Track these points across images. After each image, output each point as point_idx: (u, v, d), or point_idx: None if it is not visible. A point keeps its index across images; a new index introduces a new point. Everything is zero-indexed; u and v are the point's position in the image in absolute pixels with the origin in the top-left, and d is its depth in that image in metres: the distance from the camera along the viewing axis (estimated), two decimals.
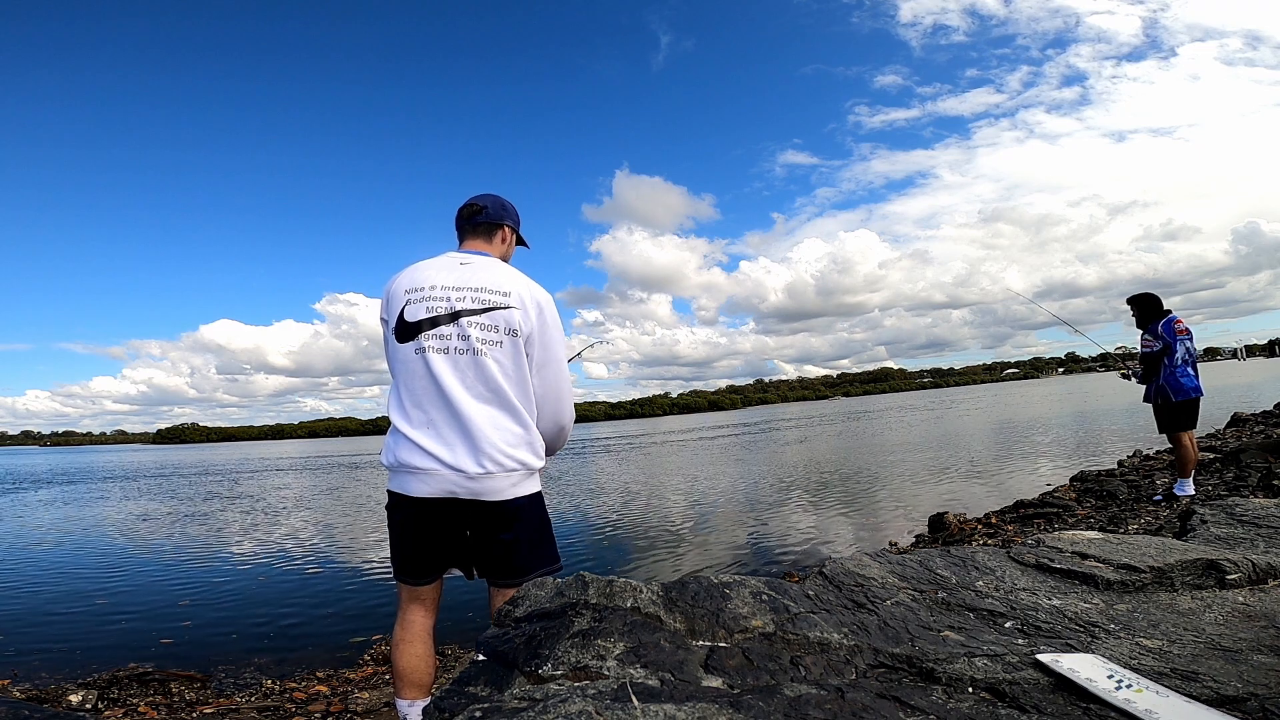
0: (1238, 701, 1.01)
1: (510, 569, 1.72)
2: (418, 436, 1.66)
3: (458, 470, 1.64)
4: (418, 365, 1.68)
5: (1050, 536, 2.03)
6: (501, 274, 1.77)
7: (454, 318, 1.68)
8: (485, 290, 1.71)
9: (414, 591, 1.79)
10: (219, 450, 76.06)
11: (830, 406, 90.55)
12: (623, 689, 0.91)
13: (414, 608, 1.79)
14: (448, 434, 1.65)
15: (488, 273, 1.75)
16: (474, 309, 1.68)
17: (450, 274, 1.74)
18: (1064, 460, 10.70)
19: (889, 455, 14.38)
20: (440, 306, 1.69)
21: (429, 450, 1.65)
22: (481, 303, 1.69)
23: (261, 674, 3.71)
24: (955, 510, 6.42)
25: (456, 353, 1.67)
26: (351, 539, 8.35)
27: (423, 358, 1.68)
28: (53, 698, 3.18)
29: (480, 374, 1.67)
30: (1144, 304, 5.35)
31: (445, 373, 1.66)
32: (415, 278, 1.75)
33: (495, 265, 1.81)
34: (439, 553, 1.76)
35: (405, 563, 1.78)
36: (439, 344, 1.67)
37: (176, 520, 11.08)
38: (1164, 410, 5.21)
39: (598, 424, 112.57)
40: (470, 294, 1.70)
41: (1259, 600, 1.52)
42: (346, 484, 16.79)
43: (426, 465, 1.65)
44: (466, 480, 1.64)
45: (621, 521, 8.32)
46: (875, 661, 1.17)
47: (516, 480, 1.69)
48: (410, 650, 1.75)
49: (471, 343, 1.67)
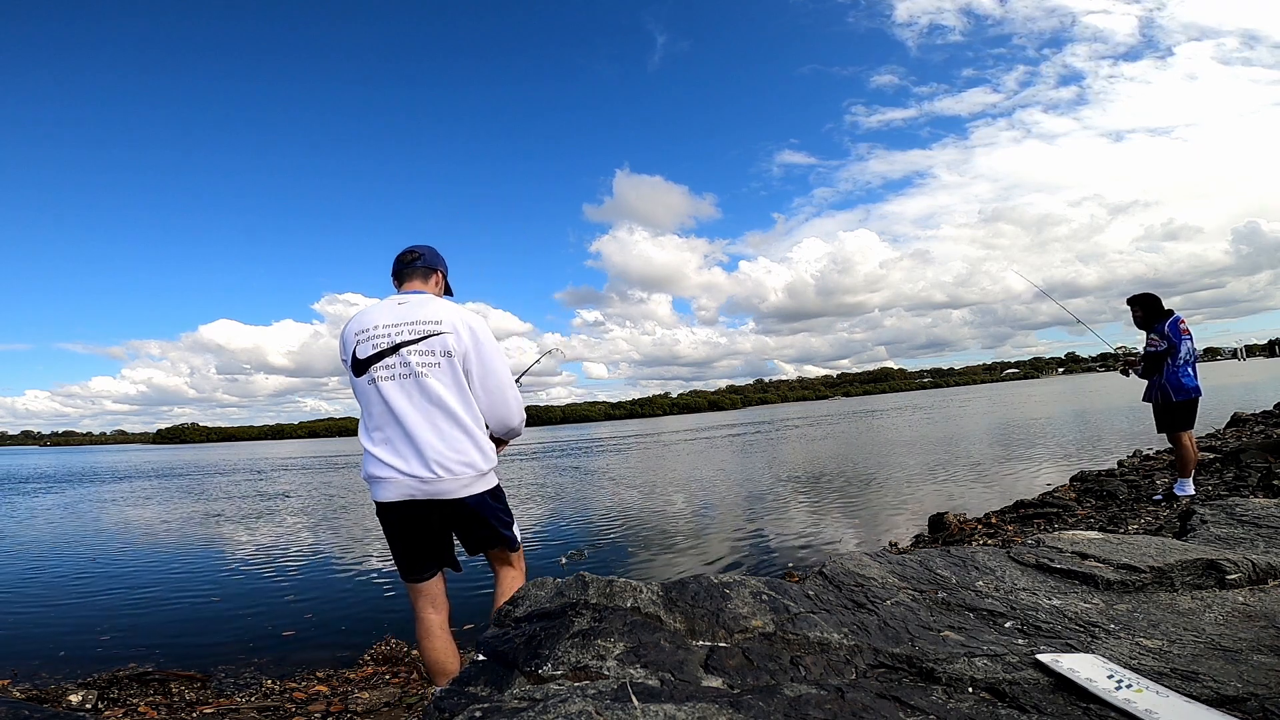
0: (1238, 701, 1.01)
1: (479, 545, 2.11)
2: (378, 451, 1.98)
3: (412, 476, 1.94)
4: (371, 393, 1.99)
5: (1050, 536, 2.03)
6: (434, 306, 2.06)
7: (395, 349, 1.98)
8: (420, 322, 2.01)
9: (416, 589, 2.07)
10: (219, 450, 76.09)
11: (830, 406, 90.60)
12: (623, 689, 0.91)
13: (422, 604, 2.07)
14: (401, 447, 1.96)
15: (422, 308, 2.05)
16: (411, 339, 1.99)
17: (390, 313, 2.04)
18: (1064, 460, 10.69)
19: (889, 455, 14.38)
20: (383, 342, 1.99)
21: (387, 462, 1.97)
22: (417, 333, 1.99)
23: (261, 674, 3.71)
24: (955, 510, 6.42)
25: (401, 378, 1.97)
26: (351, 539, 8.35)
27: (374, 386, 1.98)
28: (53, 698, 3.19)
29: (423, 393, 1.96)
30: (1148, 304, 5.32)
31: (394, 396, 1.96)
32: (362, 321, 2.06)
33: (429, 300, 2.09)
34: (420, 548, 2.05)
35: (399, 561, 2.08)
36: (386, 373, 1.98)
37: (176, 520, 11.08)
38: (1164, 410, 5.20)
39: (598, 424, 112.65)
40: (407, 327, 2.00)
41: (1259, 600, 1.52)
42: (346, 484, 16.79)
43: (388, 474, 1.96)
44: (421, 484, 1.95)
45: (621, 521, 8.32)
46: (875, 661, 1.17)
47: (467, 481, 1.98)
48: (431, 645, 2.04)
49: (413, 368, 1.97)
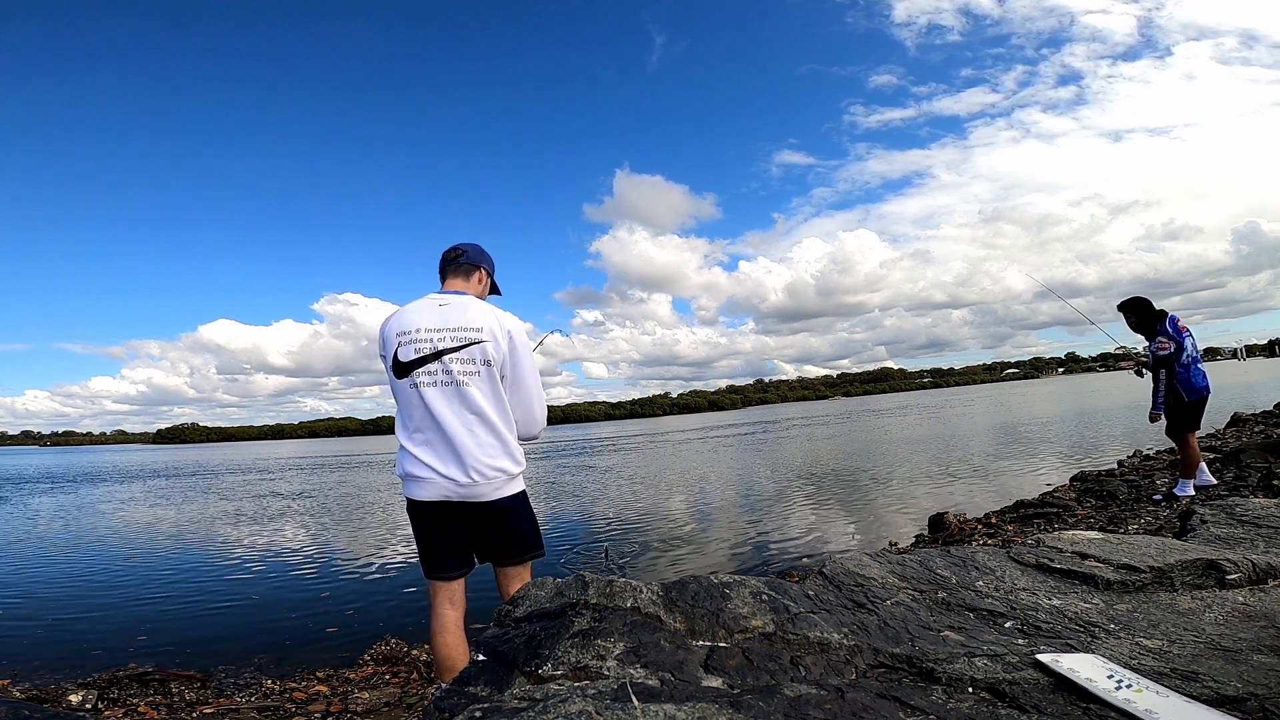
0: (1238, 701, 1.01)
1: (508, 553, 2.13)
2: (418, 452, 2.06)
3: (449, 479, 2.02)
4: (413, 396, 2.06)
5: (1050, 536, 2.03)
6: (474, 312, 2.11)
7: (437, 356, 2.04)
8: (461, 329, 2.07)
9: (438, 585, 2.11)
10: (219, 450, 76.08)
11: (830, 406, 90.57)
12: (623, 689, 0.91)
13: (442, 602, 2.11)
14: (440, 450, 2.04)
15: (463, 313, 2.10)
16: (453, 347, 2.05)
17: (431, 316, 2.09)
18: (1064, 460, 10.69)
19: (889, 455, 14.38)
20: (425, 347, 2.05)
21: (426, 462, 2.04)
22: (459, 340, 2.06)
23: (261, 674, 3.71)
24: (955, 510, 6.42)
25: (443, 384, 2.04)
26: (351, 539, 8.35)
27: (416, 390, 2.05)
28: (53, 698, 3.18)
29: (463, 400, 2.04)
30: (1140, 308, 5.26)
31: (435, 401, 2.03)
32: (403, 322, 2.10)
33: (469, 304, 2.14)
34: (450, 548, 2.10)
35: (427, 560, 2.13)
36: (428, 379, 2.04)
37: (176, 521, 11.08)
38: (1175, 410, 5.11)
39: (598, 424, 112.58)
40: (449, 334, 2.06)
41: (1259, 600, 1.52)
42: (347, 484, 16.80)
43: (425, 474, 2.04)
44: (457, 487, 2.02)
45: (621, 521, 8.32)
46: (875, 661, 1.17)
47: (499, 485, 2.07)
48: (444, 640, 2.08)
49: (454, 375, 2.04)
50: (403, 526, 9.05)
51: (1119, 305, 5.45)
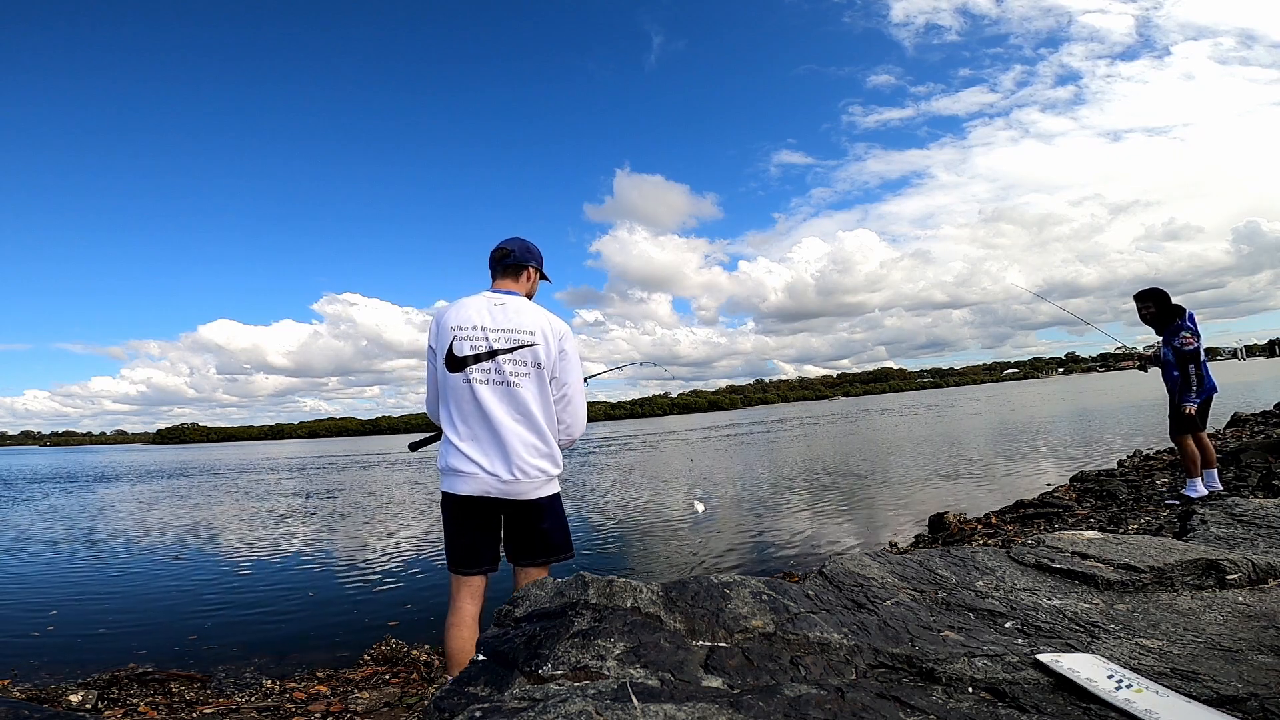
0: (1238, 701, 1.01)
1: (537, 552, 2.20)
2: (465, 447, 2.12)
3: (493, 475, 2.09)
4: (465, 391, 2.13)
5: (1050, 536, 2.03)
6: (527, 315, 2.20)
7: (491, 355, 2.13)
8: (515, 331, 2.16)
9: (463, 581, 2.17)
10: (219, 450, 76.05)
11: (830, 406, 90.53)
12: (623, 689, 0.91)
13: (463, 596, 2.17)
14: (487, 447, 2.11)
15: (518, 315, 2.19)
16: (507, 348, 2.14)
17: (487, 315, 2.18)
18: (1064, 460, 10.69)
19: (889, 455, 14.38)
20: (481, 345, 2.14)
21: (472, 458, 2.10)
22: (513, 341, 2.14)
23: (261, 674, 3.71)
24: (955, 510, 6.42)
25: (494, 384, 2.12)
26: (352, 539, 8.35)
27: (469, 386, 2.12)
28: (53, 698, 3.18)
29: (513, 400, 2.12)
30: (1161, 299, 5.13)
31: (487, 399, 2.11)
32: (460, 316, 2.18)
33: (522, 306, 2.23)
34: (481, 544, 2.16)
35: (456, 554, 2.18)
36: (482, 376, 2.12)
37: (176, 521, 11.08)
38: (1180, 410, 5.05)
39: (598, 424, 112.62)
40: (504, 335, 2.15)
41: (1259, 600, 1.52)
42: (347, 484, 16.79)
43: (470, 470, 2.10)
44: (500, 484, 2.09)
45: (621, 521, 8.32)
46: (875, 661, 1.17)
47: (539, 484, 2.14)
48: (460, 634, 2.12)
49: (506, 375, 2.12)
50: (403, 526, 9.05)
51: (1137, 295, 5.32)
